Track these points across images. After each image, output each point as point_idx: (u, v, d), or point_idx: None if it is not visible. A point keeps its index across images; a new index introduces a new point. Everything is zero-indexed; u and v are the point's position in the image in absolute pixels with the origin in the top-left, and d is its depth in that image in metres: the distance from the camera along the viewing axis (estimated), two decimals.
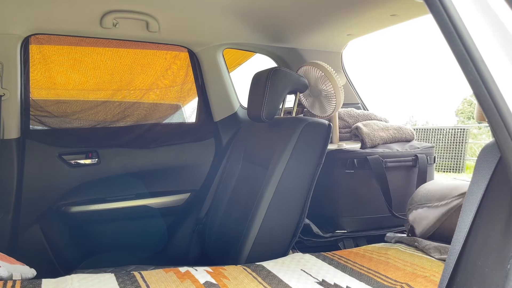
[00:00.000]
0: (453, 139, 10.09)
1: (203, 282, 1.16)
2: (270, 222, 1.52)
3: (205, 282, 1.17)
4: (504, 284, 0.67)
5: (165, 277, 1.21)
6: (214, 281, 1.17)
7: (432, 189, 1.61)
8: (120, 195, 2.01)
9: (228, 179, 1.94)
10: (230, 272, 1.25)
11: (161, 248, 2.10)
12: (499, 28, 0.68)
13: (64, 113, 2.00)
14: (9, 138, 1.80)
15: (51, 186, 1.90)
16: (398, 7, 1.72)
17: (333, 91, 1.84)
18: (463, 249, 0.81)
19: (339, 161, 1.86)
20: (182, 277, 1.21)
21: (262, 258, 1.42)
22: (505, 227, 0.72)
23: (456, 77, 22.51)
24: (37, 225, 1.88)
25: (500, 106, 0.65)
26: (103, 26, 1.80)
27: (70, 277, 1.21)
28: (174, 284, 1.15)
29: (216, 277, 1.20)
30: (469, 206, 0.82)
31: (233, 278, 1.20)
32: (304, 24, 1.99)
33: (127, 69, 2.11)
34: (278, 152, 1.56)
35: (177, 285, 1.15)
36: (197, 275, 1.22)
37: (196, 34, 2.06)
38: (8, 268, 1.23)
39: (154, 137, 2.10)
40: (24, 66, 1.85)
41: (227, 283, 1.17)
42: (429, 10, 0.71)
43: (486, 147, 0.83)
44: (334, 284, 1.20)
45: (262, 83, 1.62)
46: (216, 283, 1.16)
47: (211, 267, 1.30)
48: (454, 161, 9.99)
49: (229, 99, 2.26)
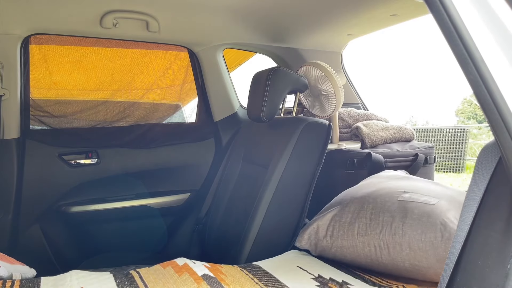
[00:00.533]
0: (453, 139, 10.09)
1: (201, 275, 1.16)
2: (270, 222, 1.52)
3: (203, 274, 1.17)
4: (504, 284, 0.67)
5: (163, 273, 1.20)
6: (212, 274, 1.17)
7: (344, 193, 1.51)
8: (120, 195, 2.01)
9: (228, 179, 1.94)
10: (227, 270, 1.25)
11: (161, 248, 2.10)
12: (499, 28, 0.68)
13: (64, 113, 2.00)
14: (9, 138, 1.80)
15: (51, 186, 1.90)
16: (398, 7, 1.72)
17: (333, 91, 1.84)
18: (463, 249, 0.81)
19: (339, 161, 1.87)
20: (180, 270, 1.21)
21: (262, 258, 1.42)
22: (505, 227, 0.72)
23: (456, 77, 22.52)
24: (37, 225, 1.88)
25: (500, 106, 0.65)
26: (103, 26, 1.80)
27: (69, 274, 1.21)
28: (172, 279, 1.15)
29: (213, 272, 1.21)
30: (469, 206, 0.82)
31: (230, 275, 1.21)
32: (304, 24, 1.99)
33: (127, 69, 2.11)
34: (278, 152, 1.56)
35: (175, 280, 1.14)
36: (195, 268, 1.21)
37: (196, 34, 2.06)
38: (8, 268, 1.23)
39: (154, 137, 2.10)
40: (24, 66, 1.85)
41: (224, 278, 1.17)
42: (429, 10, 0.71)
43: (486, 147, 0.83)
44: (329, 278, 1.20)
45: (262, 83, 1.62)
46: (214, 276, 1.16)
47: (208, 263, 1.30)
48: (454, 161, 9.99)
49: (229, 99, 2.26)
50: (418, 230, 1.12)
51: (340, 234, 1.30)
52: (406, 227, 1.15)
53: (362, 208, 1.29)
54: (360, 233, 1.25)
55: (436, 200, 1.18)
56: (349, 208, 1.33)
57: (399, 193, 1.27)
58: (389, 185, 1.38)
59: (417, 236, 1.12)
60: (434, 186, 1.33)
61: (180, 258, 1.31)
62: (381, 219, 1.21)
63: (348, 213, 1.32)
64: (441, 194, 1.24)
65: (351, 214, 1.31)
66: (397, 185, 1.36)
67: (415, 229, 1.13)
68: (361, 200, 1.33)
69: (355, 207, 1.32)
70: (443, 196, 1.22)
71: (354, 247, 1.26)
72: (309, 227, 1.39)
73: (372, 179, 1.55)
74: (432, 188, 1.30)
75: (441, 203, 1.17)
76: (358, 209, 1.31)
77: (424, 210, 1.15)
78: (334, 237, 1.31)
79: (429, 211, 1.14)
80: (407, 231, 1.14)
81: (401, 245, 1.15)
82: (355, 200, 1.35)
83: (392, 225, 1.18)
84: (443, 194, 1.24)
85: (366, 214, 1.27)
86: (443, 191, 1.27)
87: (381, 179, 1.50)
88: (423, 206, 1.17)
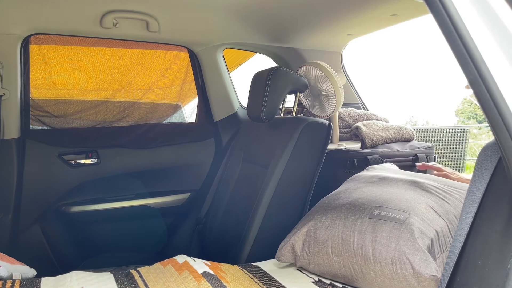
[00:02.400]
0: (453, 139, 10.08)
1: (201, 272, 1.16)
2: (270, 222, 1.52)
3: (203, 272, 1.17)
4: (504, 284, 0.67)
5: (163, 272, 1.20)
6: (212, 272, 1.17)
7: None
8: (120, 195, 2.01)
9: (228, 179, 1.94)
10: (227, 268, 1.25)
11: (161, 248, 2.10)
12: (499, 28, 0.68)
13: (64, 113, 2.00)
14: (9, 138, 1.80)
15: (51, 186, 1.90)
16: (398, 7, 1.72)
17: (333, 91, 1.84)
18: (463, 249, 0.81)
19: (339, 161, 1.86)
20: (180, 268, 1.21)
21: (262, 258, 1.42)
22: (505, 227, 0.72)
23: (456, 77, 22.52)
24: (37, 225, 1.88)
25: (500, 106, 0.65)
26: (103, 26, 1.80)
27: (69, 275, 1.21)
28: (172, 277, 1.15)
29: (214, 270, 1.21)
30: (469, 206, 0.82)
31: (230, 274, 1.21)
32: (304, 24, 1.99)
33: (127, 69, 2.11)
34: (278, 152, 1.56)
35: (175, 278, 1.14)
36: (195, 266, 1.21)
37: (196, 34, 2.06)
38: (8, 268, 1.23)
39: (154, 137, 2.10)
40: (24, 66, 1.85)
41: (224, 276, 1.17)
42: (429, 10, 0.71)
43: (486, 147, 0.84)
44: (330, 283, 1.19)
45: (262, 83, 1.62)
46: (214, 274, 1.16)
47: (209, 261, 1.30)
48: (454, 161, 9.98)
49: (229, 99, 2.26)
50: (388, 260, 1.06)
51: (315, 251, 1.23)
52: (376, 253, 1.09)
53: (334, 225, 1.22)
54: (335, 253, 1.18)
55: (406, 216, 1.11)
56: (322, 224, 1.25)
57: (370, 208, 1.19)
58: (363, 195, 1.29)
59: (388, 266, 1.06)
60: (410, 193, 1.24)
61: (180, 256, 1.30)
62: (352, 240, 1.15)
63: (321, 229, 1.24)
64: (413, 204, 1.16)
65: (324, 231, 1.23)
66: (372, 194, 1.28)
67: (386, 258, 1.06)
68: (333, 214, 1.25)
69: (328, 223, 1.24)
70: (414, 208, 1.15)
71: (330, 265, 1.19)
72: (286, 244, 1.31)
73: (351, 184, 1.46)
74: (407, 197, 1.21)
75: (410, 220, 1.10)
76: (330, 225, 1.23)
77: (393, 233, 1.09)
78: (311, 253, 1.24)
79: (397, 236, 1.08)
80: (378, 258, 1.08)
81: (375, 272, 1.09)
82: (328, 214, 1.27)
83: (363, 249, 1.11)
84: (415, 203, 1.17)
85: (338, 233, 1.19)
86: (416, 199, 1.20)
87: (359, 185, 1.40)
88: (392, 227, 1.10)
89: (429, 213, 1.13)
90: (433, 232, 1.08)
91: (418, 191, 1.25)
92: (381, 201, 1.22)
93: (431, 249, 1.05)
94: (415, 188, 1.27)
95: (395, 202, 1.19)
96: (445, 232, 1.10)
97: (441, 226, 1.10)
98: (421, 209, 1.14)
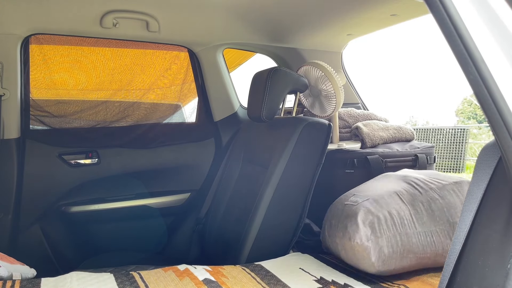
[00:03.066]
0: (453, 139, 10.08)
1: (202, 279, 1.16)
2: (270, 222, 1.52)
3: (204, 279, 1.17)
4: (504, 284, 0.67)
5: (164, 276, 1.21)
6: (213, 279, 1.17)
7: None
8: (120, 195, 2.01)
9: (228, 179, 1.94)
10: (229, 271, 1.25)
11: (161, 248, 2.10)
12: (499, 28, 0.68)
13: (64, 113, 2.00)
14: (9, 138, 1.80)
15: (51, 186, 1.90)
16: (398, 7, 1.72)
17: (333, 91, 1.84)
18: (463, 249, 0.81)
19: (339, 161, 1.86)
20: (181, 275, 1.21)
21: (262, 258, 1.42)
22: (505, 227, 0.72)
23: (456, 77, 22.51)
24: (37, 225, 1.88)
25: (500, 106, 0.65)
26: (103, 26, 1.80)
27: (69, 275, 1.21)
28: (173, 282, 1.15)
29: (215, 275, 1.21)
30: (469, 206, 0.82)
31: (232, 277, 1.21)
32: (304, 24, 1.99)
33: (127, 69, 2.11)
34: (278, 152, 1.56)
35: (176, 283, 1.15)
36: (196, 273, 1.22)
37: (196, 34, 2.06)
38: (8, 268, 1.23)
39: (154, 137, 2.10)
40: (24, 66, 1.85)
41: (226, 281, 1.17)
42: (429, 10, 0.71)
43: (486, 147, 0.83)
44: (332, 281, 1.20)
45: (262, 83, 1.62)
46: (215, 280, 1.16)
47: (210, 266, 1.30)
48: (454, 161, 9.98)
49: (229, 99, 2.26)
50: (347, 236, 1.31)
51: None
52: (341, 231, 1.35)
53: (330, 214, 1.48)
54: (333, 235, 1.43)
55: (365, 199, 1.36)
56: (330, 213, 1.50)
57: (351, 196, 1.44)
58: (360, 188, 1.52)
59: (347, 241, 1.31)
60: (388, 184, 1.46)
61: (182, 265, 1.31)
62: (335, 224, 1.40)
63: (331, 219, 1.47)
64: (379, 192, 1.39)
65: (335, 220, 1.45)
66: (364, 187, 1.51)
67: (345, 234, 1.32)
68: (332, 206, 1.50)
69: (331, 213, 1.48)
70: (377, 194, 1.38)
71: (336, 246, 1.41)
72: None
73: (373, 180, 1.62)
74: (380, 186, 1.45)
75: (364, 203, 1.34)
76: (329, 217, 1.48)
77: (350, 211, 1.34)
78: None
79: (351, 212, 1.34)
80: (345, 234, 1.33)
81: (346, 249, 1.33)
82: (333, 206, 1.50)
83: (338, 227, 1.38)
84: (381, 191, 1.40)
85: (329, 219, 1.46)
86: (386, 188, 1.42)
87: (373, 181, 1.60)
88: (350, 206, 1.37)
89: (389, 199, 1.35)
90: (383, 213, 1.30)
91: (398, 182, 1.46)
92: (360, 190, 1.47)
93: (376, 224, 1.27)
94: (397, 180, 1.48)
95: (367, 191, 1.43)
96: (402, 215, 1.31)
97: (398, 210, 1.32)
98: (383, 195, 1.37)
